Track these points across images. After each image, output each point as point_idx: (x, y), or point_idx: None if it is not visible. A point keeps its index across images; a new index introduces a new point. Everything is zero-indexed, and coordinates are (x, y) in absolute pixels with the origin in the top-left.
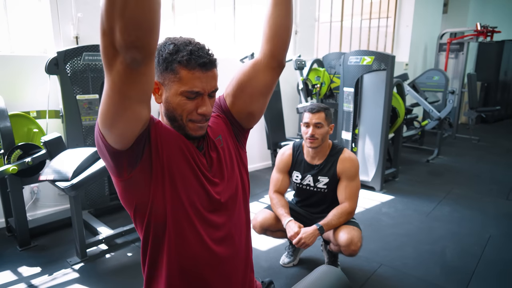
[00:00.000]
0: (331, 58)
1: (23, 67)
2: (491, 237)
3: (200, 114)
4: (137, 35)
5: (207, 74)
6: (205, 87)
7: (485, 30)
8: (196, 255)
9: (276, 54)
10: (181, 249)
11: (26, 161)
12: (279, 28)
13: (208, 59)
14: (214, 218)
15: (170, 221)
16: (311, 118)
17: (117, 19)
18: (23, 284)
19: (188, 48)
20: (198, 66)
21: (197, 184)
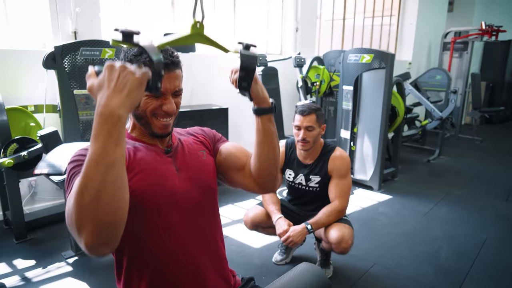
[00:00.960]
0: (331, 56)
1: (21, 61)
2: (488, 239)
3: (165, 111)
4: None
5: (169, 74)
6: (168, 87)
7: (490, 29)
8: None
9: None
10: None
11: (22, 154)
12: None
13: (171, 60)
14: (177, 222)
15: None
16: (302, 121)
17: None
18: (17, 276)
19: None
20: None
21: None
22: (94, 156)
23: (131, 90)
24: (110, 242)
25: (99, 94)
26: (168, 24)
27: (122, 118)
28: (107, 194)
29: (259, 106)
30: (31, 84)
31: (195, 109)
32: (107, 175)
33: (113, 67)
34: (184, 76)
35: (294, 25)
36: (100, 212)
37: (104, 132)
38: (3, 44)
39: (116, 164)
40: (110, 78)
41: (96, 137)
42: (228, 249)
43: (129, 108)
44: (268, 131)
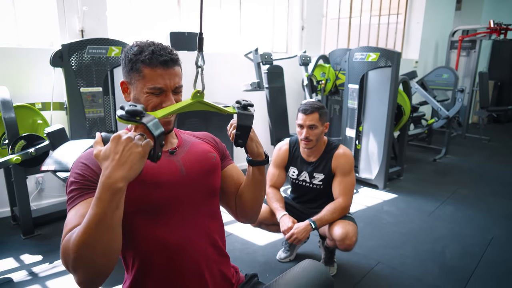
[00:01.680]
0: (337, 55)
1: (29, 59)
2: (494, 238)
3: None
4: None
5: (168, 71)
6: (168, 83)
7: (499, 28)
8: (164, 260)
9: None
10: (151, 259)
11: (30, 151)
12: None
13: (169, 57)
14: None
15: (131, 227)
16: (305, 120)
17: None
18: (24, 271)
19: (150, 49)
20: (159, 64)
21: (162, 196)
22: (96, 218)
23: (134, 163)
24: (99, 282)
25: (104, 164)
26: (174, 23)
27: (122, 189)
28: (102, 250)
29: (253, 159)
30: (38, 82)
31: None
32: (105, 236)
33: (119, 140)
34: (189, 74)
35: (300, 23)
36: (94, 263)
37: (105, 198)
38: (11, 42)
39: (114, 226)
40: (116, 151)
41: (98, 201)
42: (232, 246)
43: (130, 179)
44: (256, 180)
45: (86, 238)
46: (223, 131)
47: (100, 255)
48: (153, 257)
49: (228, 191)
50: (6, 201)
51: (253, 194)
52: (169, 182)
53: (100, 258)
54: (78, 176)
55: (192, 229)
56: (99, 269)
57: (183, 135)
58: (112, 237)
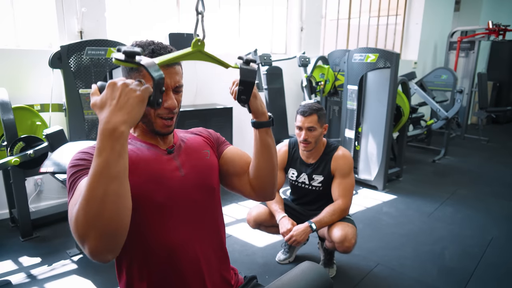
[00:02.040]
0: (336, 56)
1: (28, 60)
2: (493, 239)
3: (166, 108)
4: (110, 241)
5: (169, 70)
6: (168, 82)
7: (498, 29)
8: (163, 255)
9: (260, 195)
10: (150, 258)
11: (28, 153)
12: (260, 176)
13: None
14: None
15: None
16: (303, 122)
17: (91, 229)
18: (23, 273)
19: (150, 48)
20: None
21: (159, 196)
22: (98, 169)
23: (132, 107)
24: (113, 249)
25: (102, 112)
26: (173, 24)
27: (124, 134)
28: (111, 204)
29: (257, 120)
30: (37, 83)
31: (199, 109)
32: (110, 186)
33: (115, 85)
34: (188, 76)
35: (299, 24)
36: (103, 221)
37: (107, 147)
38: (10, 44)
39: (119, 176)
40: (112, 97)
41: (100, 152)
42: (232, 247)
43: (131, 124)
44: (265, 143)
45: (91, 192)
46: (222, 132)
47: (110, 210)
48: (152, 257)
49: (235, 173)
50: (4, 203)
51: (266, 161)
52: (169, 182)
53: (110, 214)
54: (79, 161)
55: (191, 230)
56: (110, 228)
57: (178, 133)
58: (119, 188)
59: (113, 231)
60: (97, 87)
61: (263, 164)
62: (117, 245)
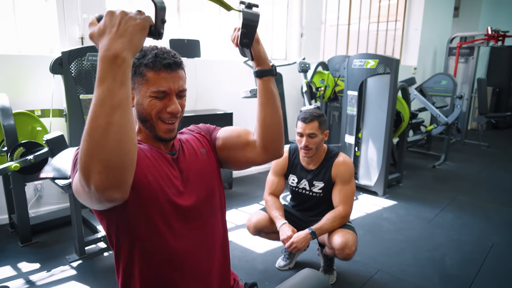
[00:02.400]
0: (336, 61)
1: (29, 66)
2: (494, 246)
3: (170, 113)
4: (115, 176)
5: (172, 74)
6: (171, 86)
7: (497, 35)
8: (165, 261)
9: (269, 150)
10: (150, 260)
11: (28, 158)
12: (267, 129)
13: (173, 60)
14: (181, 225)
15: (133, 238)
16: (304, 128)
17: (95, 161)
18: (22, 279)
19: (153, 52)
20: (163, 67)
21: (163, 198)
22: (100, 97)
23: (133, 35)
24: (120, 186)
25: (101, 40)
26: (174, 30)
27: (126, 60)
28: (114, 134)
29: (260, 68)
30: (38, 89)
31: (199, 114)
32: (113, 115)
33: (113, 13)
34: (189, 81)
35: (299, 30)
36: (107, 153)
37: (109, 75)
38: (11, 49)
39: (122, 104)
40: (112, 24)
41: (101, 80)
42: (231, 253)
43: (132, 52)
44: (270, 92)
45: (93, 122)
46: None
47: (113, 140)
48: (154, 263)
49: (237, 146)
50: (4, 208)
51: (272, 111)
52: (171, 185)
53: (114, 144)
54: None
55: (193, 234)
56: (115, 159)
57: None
58: (122, 118)
59: (117, 163)
60: (95, 18)
61: (269, 115)
62: (123, 181)
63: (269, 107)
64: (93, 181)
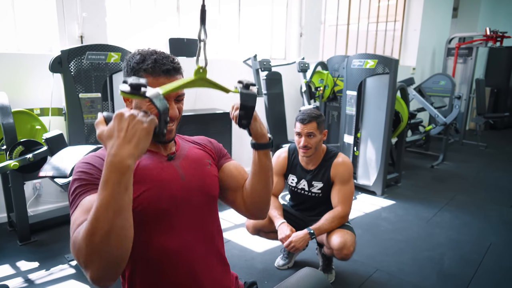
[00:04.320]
0: (335, 61)
1: (28, 64)
2: (492, 245)
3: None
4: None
5: (171, 80)
6: (170, 92)
7: (495, 35)
8: (162, 259)
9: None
10: (149, 259)
11: (28, 157)
12: (254, 196)
13: (172, 66)
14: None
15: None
16: (303, 128)
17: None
18: (21, 278)
19: (152, 57)
20: (162, 72)
21: (163, 204)
22: (104, 201)
23: (140, 140)
24: (114, 276)
25: (109, 143)
26: (174, 29)
27: (131, 168)
28: (115, 236)
29: (257, 142)
30: (37, 88)
31: (199, 113)
32: (116, 220)
33: (122, 117)
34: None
35: (298, 30)
36: (107, 252)
37: (113, 179)
38: (10, 48)
39: (125, 209)
40: (120, 128)
41: (106, 184)
42: (230, 253)
43: (138, 157)
44: (263, 165)
45: (96, 224)
46: (221, 137)
47: (114, 242)
48: (152, 263)
49: (232, 187)
50: (3, 206)
51: (262, 182)
52: (170, 188)
53: (114, 245)
54: (82, 174)
55: (193, 235)
56: (114, 258)
57: (180, 140)
58: (124, 221)
59: (116, 261)
60: (104, 117)
61: (259, 185)
62: (118, 272)
63: (260, 178)
64: (90, 274)
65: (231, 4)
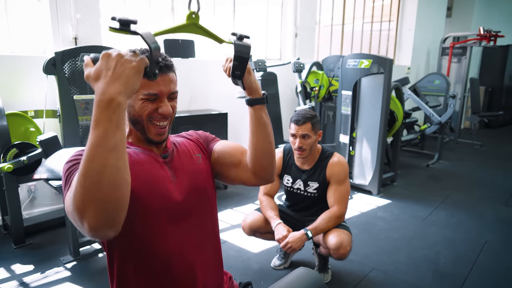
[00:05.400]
0: (330, 61)
1: (22, 67)
2: (487, 243)
3: (161, 114)
4: (109, 216)
5: (163, 77)
6: (163, 89)
7: (489, 35)
8: (157, 261)
9: (260, 176)
10: (141, 258)
11: (22, 159)
12: (258, 156)
13: (164, 63)
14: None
15: (124, 238)
16: (297, 130)
17: (90, 203)
18: (15, 281)
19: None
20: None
21: (155, 202)
22: (95, 140)
23: (129, 78)
24: (113, 224)
25: (97, 84)
26: None
27: (121, 105)
28: (109, 177)
29: (252, 97)
30: (31, 90)
31: (194, 114)
32: (109, 158)
33: (109, 56)
34: (183, 81)
35: (293, 30)
36: (102, 195)
37: (104, 118)
38: (4, 50)
39: (117, 147)
40: (108, 67)
41: (96, 123)
42: (227, 253)
43: (128, 95)
44: (261, 120)
45: (89, 165)
46: (218, 137)
47: (108, 183)
48: (147, 264)
49: (230, 163)
50: None
51: (263, 139)
52: (164, 187)
53: (109, 187)
54: (75, 157)
55: (186, 235)
56: (109, 202)
57: (170, 138)
58: (117, 161)
59: (112, 205)
60: (91, 59)
61: (261, 143)
62: (116, 220)
63: (261, 135)
64: (87, 222)
65: (226, 5)
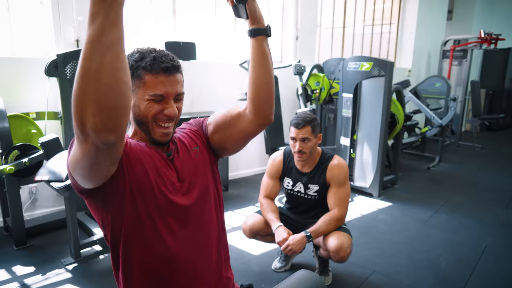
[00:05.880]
0: (331, 64)
1: (24, 69)
2: (488, 246)
3: (166, 115)
4: (109, 118)
5: (170, 78)
6: (169, 90)
7: (489, 38)
8: (161, 261)
9: (260, 113)
10: (145, 257)
11: (23, 161)
12: (259, 89)
13: (171, 64)
14: (175, 224)
15: (129, 235)
16: (297, 133)
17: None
18: (16, 283)
19: (151, 55)
20: (161, 70)
21: (161, 198)
22: (91, 37)
23: None
24: (114, 127)
25: None
26: (170, 32)
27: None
28: (107, 75)
29: (255, 27)
30: (33, 92)
31: (195, 116)
32: (105, 56)
33: None
34: (185, 84)
35: (294, 33)
36: (101, 94)
37: (100, 13)
38: (6, 52)
39: (114, 44)
40: None
41: (92, 19)
42: None
43: None
44: (263, 52)
45: (85, 63)
46: None
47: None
48: (150, 264)
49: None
50: None
51: (264, 72)
52: (168, 186)
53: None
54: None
55: (190, 235)
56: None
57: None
58: (115, 60)
59: (111, 105)
60: None
61: (262, 76)
62: (117, 123)
63: (262, 68)
64: (88, 124)
65: (227, 7)
